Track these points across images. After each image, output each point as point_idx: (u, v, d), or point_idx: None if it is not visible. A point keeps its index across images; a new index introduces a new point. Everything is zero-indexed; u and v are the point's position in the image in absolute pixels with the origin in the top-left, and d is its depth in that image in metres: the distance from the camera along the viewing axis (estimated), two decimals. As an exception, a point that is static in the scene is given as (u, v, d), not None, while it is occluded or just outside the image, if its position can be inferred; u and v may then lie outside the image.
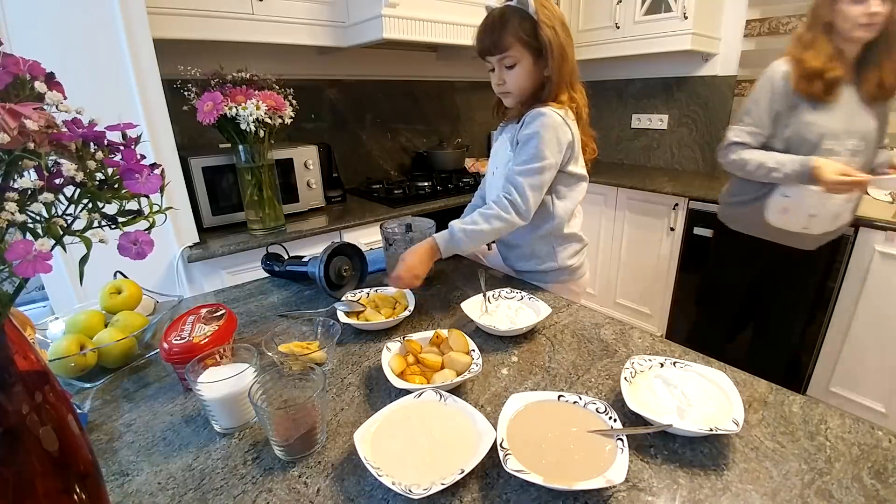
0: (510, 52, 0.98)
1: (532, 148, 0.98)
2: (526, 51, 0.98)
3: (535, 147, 0.97)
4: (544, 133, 0.97)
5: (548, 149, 0.97)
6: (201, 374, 0.64)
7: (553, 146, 0.98)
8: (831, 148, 1.30)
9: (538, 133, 0.97)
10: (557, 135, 0.98)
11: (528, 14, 0.96)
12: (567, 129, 1.00)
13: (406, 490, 0.48)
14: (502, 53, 0.99)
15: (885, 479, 0.51)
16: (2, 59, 0.34)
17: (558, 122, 0.98)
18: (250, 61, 1.65)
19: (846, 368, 1.74)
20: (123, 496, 0.53)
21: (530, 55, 0.99)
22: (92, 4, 1.19)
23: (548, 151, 0.97)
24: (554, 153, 0.98)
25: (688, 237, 2.11)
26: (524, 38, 0.97)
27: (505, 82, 1.03)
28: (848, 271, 1.66)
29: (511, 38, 0.97)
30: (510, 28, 0.97)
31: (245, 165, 1.53)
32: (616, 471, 0.50)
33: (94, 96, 1.20)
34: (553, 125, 0.98)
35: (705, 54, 2.38)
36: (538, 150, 0.97)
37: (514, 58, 0.99)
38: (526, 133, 0.99)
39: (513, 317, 0.88)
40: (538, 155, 0.97)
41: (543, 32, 0.95)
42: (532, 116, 1.00)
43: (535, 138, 0.97)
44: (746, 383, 0.69)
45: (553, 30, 0.96)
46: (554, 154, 0.98)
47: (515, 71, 1.01)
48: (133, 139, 0.42)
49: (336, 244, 1.03)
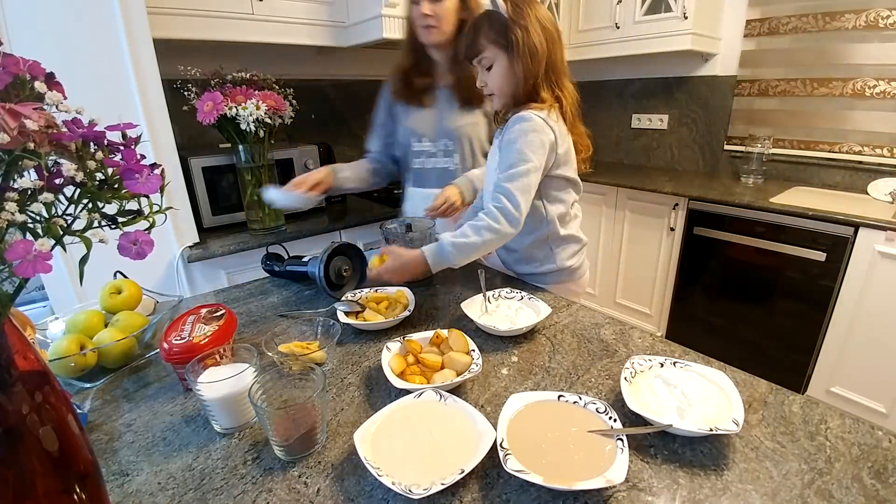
0: (485, 54, 1.01)
1: (514, 153, 0.98)
2: (500, 51, 1.00)
3: (518, 151, 0.97)
4: (524, 136, 0.97)
5: (530, 151, 0.97)
6: (201, 374, 0.64)
7: (536, 148, 0.98)
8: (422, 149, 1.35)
9: (518, 137, 0.98)
10: (540, 137, 0.98)
11: (501, 15, 0.98)
12: (549, 130, 0.99)
13: (406, 490, 0.48)
14: (478, 56, 1.02)
15: (885, 479, 0.51)
16: (2, 59, 0.34)
17: (539, 125, 0.98)
18: (250, 61, 1.65)
19: (846, 368, 1.74)
20: (123, 496, 0.53)
21: (505, 55, 1.00)
22: (92, 4, 1.19)
23: (530, 153, 0.97)
24: (538, 155, 0.98)
25: (688, 237, 2.11)
26: (495, 39, 0.99)
27: (486, 84, 1.05)
28: (848, 271, 1.66)
29: (483, 40, 1.00)
30: (482, 30, 1.00)
31: (245, 165, 1.53)
32: (616, 471, 0.50)
33: (94, 96, 1.20)
34: (533, 128, 0.98)
35: (705, 54, 2.38)
36: (520, 153, 0.97)
37: (489, 59, 1.02)
38: (507, 139, 1.00)
39: (513, 317, 0.88)
40: (521, 158, 0.97)
41: (512, 32, 0.97)
42: (513, 121, 1.00)
43: (517, 142, 0.98)
44: (746, 383, 0.69)
45: (525, 29, 0.97)
46: (537, 156, 0.98)
47: (493, 71, 1.03)
48: (133, 139, 0.42)
49: (336, 244, 1.03)
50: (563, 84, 1.05)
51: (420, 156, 1.36)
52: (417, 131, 1.33)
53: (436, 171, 1.36)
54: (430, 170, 1.37)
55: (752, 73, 2.28)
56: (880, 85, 1.90)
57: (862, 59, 1.93)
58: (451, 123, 1.31)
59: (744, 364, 0.73)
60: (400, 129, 1.36)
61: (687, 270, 2.17)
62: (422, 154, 1.36)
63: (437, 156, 1.35)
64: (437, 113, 1.32)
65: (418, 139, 1.34)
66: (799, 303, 1.81)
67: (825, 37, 2.01)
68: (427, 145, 1.34)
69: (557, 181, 1.07)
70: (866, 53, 1.92)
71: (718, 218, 1.99)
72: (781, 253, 1.81)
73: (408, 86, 1.30)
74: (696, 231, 2.08)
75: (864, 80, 1.94)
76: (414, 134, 1.34)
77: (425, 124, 1.33)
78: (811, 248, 1.73)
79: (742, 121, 2.37)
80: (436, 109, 1.32)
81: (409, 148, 1.36)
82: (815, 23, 2.03)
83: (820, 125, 2.11)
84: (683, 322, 2.24)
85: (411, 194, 1.43)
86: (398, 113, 1.35)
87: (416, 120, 1.33)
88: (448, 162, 1.35)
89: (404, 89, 1.31)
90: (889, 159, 1.93)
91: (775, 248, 1.82)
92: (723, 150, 2.48)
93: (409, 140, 1.35)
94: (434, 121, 1.32)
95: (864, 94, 1.95)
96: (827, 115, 2.07)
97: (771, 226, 1.83)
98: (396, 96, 1.33)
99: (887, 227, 1.54)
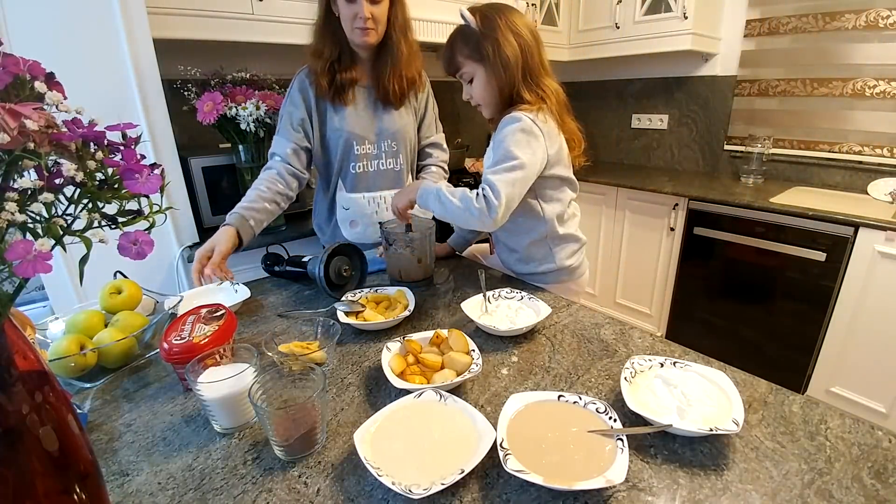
0: (464, 70, 1.05)
1: (502, 150, 0.98)
2: (476, 64, 1.03)
3: (505, 149, 0.98)
4: (512, 135, 0.98)
5: (517, 148, 0.97)
6: (201, 374, 0.64)
7: (522, 145, 0.98)
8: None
9: (507, 136, 0.99)
10: (527, 136, 0.99)
11: (472, 30, 1.01)
12: (537, 129, 1.00)
13: (406, 490, 0.48)
14: (457, 71, 1.06)
15: (885, 479, 0.51)
16: (2, 59, 0.34)
17: (527, 125, 0.99)
18: (250, 61, 1.65)
19: (846, 368, 1.74)
20: (123, 496, 0.53)
21: (482, 67, 1.03)
22: (92, 4, 1.19)
23: (517, 150, 0.97)
24: (525, 152, 0.98)
25: (688, 237, 2.11)
26: (469, 54, 1.02)
27: (472, 96, 1.08)
28: (848, 271, 1.66)
29: (460, 57, 1.04)
30: (457, 47, 1.03)
31: (245, 165, 1.53)
32: (616, 471, 0.50)
33: (94, 96, 1.20)
34: (521, 127, 0.98)
35: (705, 54, 2.38)
36: (507, 150, 0.98)
37: (468, 73, 1.05)
38: (497, 139, 1.01)
39: (513, 317, 0.88)
40: (507, 155, 0.97)
41: (483, 46, 1.00)
42: (503, 122, 1.02)
43: (504, 141, 0.99)
44: (746, 383, 0.69)
45: (495, 41, 0.99)
46: (525, 153, 0.98)
47: (475, 84, 1.05)
48: (133, 139, 0.42)
49: (336, 244, 1.03)
50: (544, 85, 1.05)
51: (362, 159, 1.26)
52: (357, 133, 1.23)
53: (380, 174, 1.29)
54: (374, 172, 1.28)
55: (752, 73, 2.28)
56: (880, 85, 1.90)
57: (862, 59, 1.93)
58: (393, 125, 1.27)
59: (744, 364, 0.73)
60: (330, 131, 1.22)
61: (687, 270, 2.17)
62: (364, 157, 1.26)
63: (382, 158, 1.28)
64: (372, 114, 1.25)
65: (359, 142, 1.24)
66: (799, 303, 1.81)
67: (825, 37, 2.01)
68: (369, 148, 1.25)
69: (551, 181, 1.08)
70: (866, 53, 1.92)
71: (718, 218, 1.99)
72: (781, 253, 1.81)
73: (332, 81, 1.17)
74: (696, 231, 2.08)
75: (864, 80, 1.94)
76: (354, 136, 1.22)
77: (364, 126, 1.24)
78: (811, 248, 1.73)
79: (742, 121, 2.37)
80: (368, 110, 1.24)
81: (349, 151, 1.24)
82: (815, 23, 2.03)
83: (820, 125, 2.11)
84: (683, 322, 2.24)
85: (351, 200, 1.29)
86: (324, 111, 1.21)
87: (352, 121, 1.22)
88: (394, 163, 1.30)
89: (330, 84, 1.17)
90: (889, 159, 1.93)
91: (775, 248, 1.82)
92: (723, 150, 2.48)
93: (348, 143, 1.23)
94: (372, 122, 1.25)
95: (864, 94, 1.95)
96: (827, 115, 2.07)
97: (771, 226, 1.83)
98: (321, 92, 1.18)
99: (887, 227, 1.54)
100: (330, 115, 1.21)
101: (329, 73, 1.16)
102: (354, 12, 1.07)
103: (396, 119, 1.27)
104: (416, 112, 1.34)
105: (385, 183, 1.30)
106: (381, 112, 1.26)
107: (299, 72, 1.21)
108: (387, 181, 1.31)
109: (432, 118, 1.40)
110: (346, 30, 1.12)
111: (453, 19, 1.92)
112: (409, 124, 1.31)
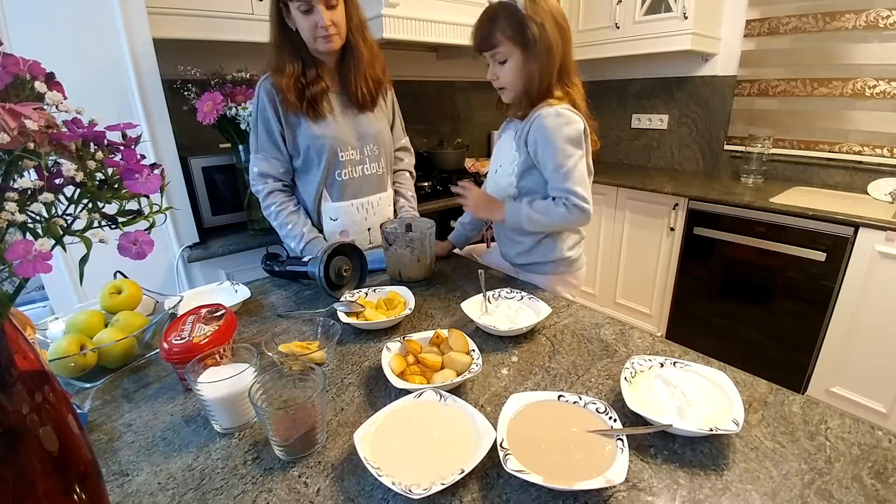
0: (500, 49, 1.01)
1: (557, 151, 0.99)
2: (515, 47, 1.00)
3: (559, 149, 0.99)
4: (559, 131, 0.98)
5: (570, 145, 0.99)
6: (201, 374, 0.64)
7: (574, 139, 1.00)
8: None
9: (554, 134, 0.99)
10: (574, 127, 1.00)
11: (518, 10, 0.97)
12: (576, 118, 1.01)
13: (406, 490, 0.48)
14: (492, 50, 1.02)
15: (885, 479, 0.51)
16: (2, 59, 0.34)
17: (570, 117, 0.99)
18: (250, 61, 1.64)
19: (846, 368, 1.74)
20: (123, 496, 0.53)
21: (520, 51, 1.00)
22: (92, 4, 1.19)
23: (571, 147, 0.99)
24: (576, 145, 1.00)
25: (688, 237, 2.11)
26: (512, 35, 0.99)
27: (498, 77, 1.05)
28: (848, 271, 1.66)
29: (500, 35, 0.99)
30: (499, 25, 0.99)
31: (245, 165, 1.53)
32: (616, 471, 0.50)
33: (94, 96, 1.20)
34: (566, 121, 0.99)
35: (705, 54, 2.38)
36: (563, 150, 0.99)
37: (504, 54, 1.01)
38: (544, 136, 1.00)
39: (513, 317, 0.88)
40: (566, 154, 0.99)
41: (530, 29, 0.97)
42: (538, 124, 1.00)
43: (555, 140, 0.99)
44: (746, 383, 0.69)
45: (541, 26, 0.97)
46: (575, 146, 1.00)
47: (507, 66, 1.02)
48: (133, 139, 0.42)
49: (336, 244, 1.03)
50: (573, 81, 1.06)
51: (347, 165, 1.23)
52: (341, 139, 1.20)
53: (365, 179, 1.27)
54: (360, 178, 1.26)
55: (752, 73, 2.28)
56: (880, 85, 1.90)
57: (862, 59, 1.93)
58: (371, 128, 1.25)
59: (744, 364, 0.73)
60: (309, 140, 1.18)
61: (687, 270, 2.17)
62: (349, 164, 1.23)
63: (366, 163, 1.26)
64: (350, 119, 1.23)
65: (343, 147, 1.21)
66: (799, 303, 1.81)
67: (825, 37, 2.01)
68: (353, 153, 1.23)
69: None
70: (866, 53, 1.92)
71: (718, 218, 1.99)
72: (781, 253, 1.81)
73: (303, 96, 1.14)
74: (696, 231, 2.08)
75: (864, 80, 1.94)
76: (338, 142, 1.20)
77: (346, 131, 1.21)
78: (811, 248, 1.73)
79: (742, 121, 2.37)
80: (346, 116, 1.22)
81: (334, 158, 1.21)
82: (815, 23, 2.03)
83: (820, 125, 2.11)
84: (683, 322, 2.24)
85: (339, 210, 1.26)
86: (295, 123, 1.18)
87: (334, 127, 1.19)
88: (376, 167, 1.29)
89: (300, 99, 1.14)
90: (889, 159, 1.93)
91: (775, 248, 1.82)
92: (723, 149, 2.48)
93: (333, 149, 1.19)
94: (352, 127, 1.23)
95: (864, 94, 1.95)
96: (827, 115, 2.07)
97: (771, 226, 1.83)
98: (290, 107, 1.14)
99: (887, 227, 1.54)
100: (305, 124, 1.17)
101: (296, 88, 1.13)
102: (314, 22, 1.06)
103: (374, 122, 1.27)
104: (387, 115, 1.33)
105: (370, 188, 1.29)
106: (359, 116, 1.24)
107: (262, 80, 1.17)
108: (371, 186, 1.29)
109: (399, 121, 1.40)
110: (308, 41, 1.10)
111: (453, 19, 1.94)
112: (385, 127, 1.31)
